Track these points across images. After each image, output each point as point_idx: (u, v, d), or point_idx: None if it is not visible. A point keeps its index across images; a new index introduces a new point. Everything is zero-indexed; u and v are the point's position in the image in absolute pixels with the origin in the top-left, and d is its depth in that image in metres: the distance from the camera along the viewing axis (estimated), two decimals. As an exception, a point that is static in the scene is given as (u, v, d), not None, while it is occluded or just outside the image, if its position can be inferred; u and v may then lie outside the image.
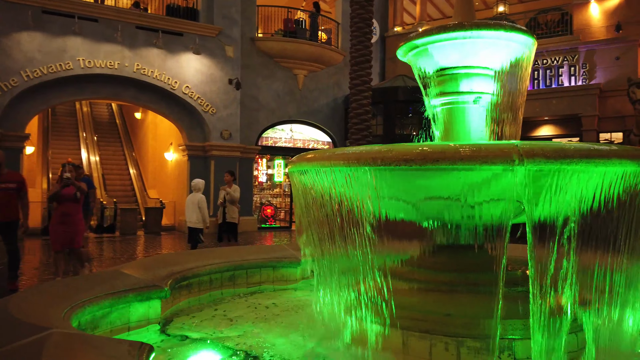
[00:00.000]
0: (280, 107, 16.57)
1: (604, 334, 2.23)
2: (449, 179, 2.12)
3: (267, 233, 15.86)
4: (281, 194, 20.78)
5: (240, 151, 15.45)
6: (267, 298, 3.97)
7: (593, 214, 2.05)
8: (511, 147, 1.94)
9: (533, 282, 2.02)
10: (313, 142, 17.80)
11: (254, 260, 4.25)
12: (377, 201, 2.32)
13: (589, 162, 1.93)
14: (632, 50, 14.09)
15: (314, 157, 2.49)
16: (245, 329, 3.15)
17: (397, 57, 3.05)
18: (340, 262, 2.57)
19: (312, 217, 2.73)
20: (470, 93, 2.78)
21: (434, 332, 2.29)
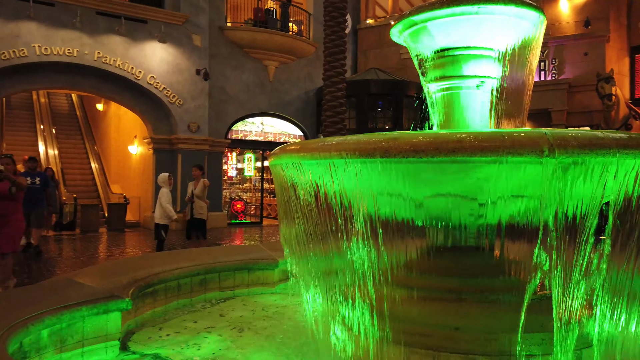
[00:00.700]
0: (251, 99, 16.08)
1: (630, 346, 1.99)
2: (463, 172, 1.81)
3: (237, 229, 15.40)
4: (252, 188, 20.30)
5: (208, 144, 14.90)
6: (243, 305, 3.60)
7: (625, 212, 1.79)
8: (540, 136, 1.65)
9: (558, 288, 1.74)
10: (284, 136, 17.39)
11: (227, 263, 3.87)
12: (376, 198, 2.01)
13: (628, 152, 1.66)
14: (600, 46, 14.27)
15: (302, 147, 2.15)
16: (220, 343, 2.78)
17: (392, 38, 2.73)
18: (330, 266, 2.25)
19: (297, 214, 2.39)
20: (474, 77, 2.48)
21: (441, 349, 1.99)
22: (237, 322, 3.18)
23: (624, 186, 1.73)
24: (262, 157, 18.51)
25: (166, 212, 7.74)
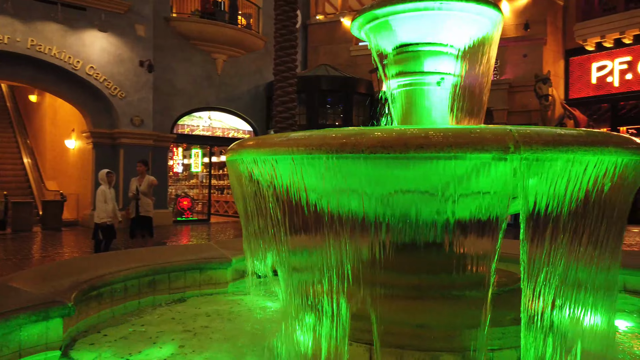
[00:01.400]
0: (198, 93, 15.64)
1: (586, 336, 2.05)
2: (430, 168, 1.79)
3: (184, 227, 14.96)
4: (199, 185, 19.81)
5: (153, 139, 14.35)
6: (195, 306, 3.46)
7: (585, 207, 1.83)
8: (505, 133, 1.65)
9: (525, 282, 1.75)
10: (233, 131, 17.08)
11: (177, 263, 3.70)
12: (339, 194, 1.95)
13: (588, 150, 1.70)
14: (538, 48, 14.99)
15: (263, 142, 2.05)
16: (172, 348, 2.64)
17: (352, 32, 2.68)
18: (291, 263, 2.18)
19: (256, 212, 2.30)
20: (434, 73, 2.49)
21: (406, 347, 1.98)
22: (190, 325, 3.04)
23: (584, 181, 1.77)
24: (209, 152, 18.09)
25: (98, 212, 7.41)
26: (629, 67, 14.63)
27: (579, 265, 1.91)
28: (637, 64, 14.46)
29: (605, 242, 1.96)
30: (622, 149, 1.79)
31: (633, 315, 3.15)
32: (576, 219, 1.83)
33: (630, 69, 14.59)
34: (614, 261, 2.06)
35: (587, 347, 2.04)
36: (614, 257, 2.04)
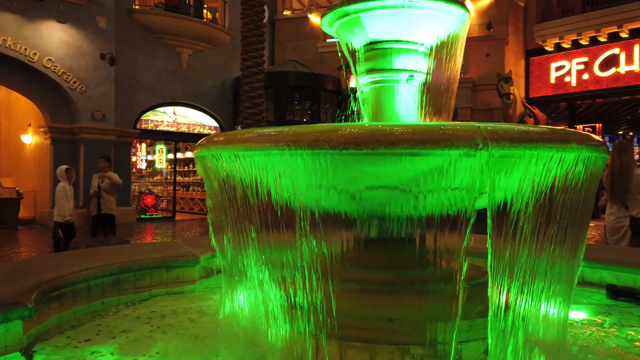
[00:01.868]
0: (163, 87, 15.31)
1: (544, 327, 2.12)
2: (401, 164, 1.81)
3: (148, 224, 14.65)
4: (163, 181, 19.43)
5: (115, 135, 13.97)
6: (162, 305, 3.39)
7: (548, 202, 1.90)
8: (474, 129, 1.68)
9: (492, 275, 1.80)
10: (199, 127, 16.81)
11: (143, 261, 3.62)
12: (311, 190, 1.95)
13: (551, 146, 1.76)
14: (500, 48, 15.41)
15: (233, 138, 2.02)
16: (139, 347, 2.58)
17: (322, 28, 2.68)
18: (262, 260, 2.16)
19: (226, 208, 2.27)
20: (404, 71, 2.51)
21: (377, 341, 2.00)
22: (157, 324, 2.98)
23: (548, 177, 1.83)
24: (174, 148, 17.77)
25: (59, 210, 7.16)
26: (585, 68, 15.22)
27: (542, 259, 1.97)
28: (593, 65, 15.07)
29: (567, 236, 2.03)
30: (583, 146, 1.86)
31: (589, 306, 3.29)
32: (541, 213, 1.89)
33: (587, 70, 15.19)
34: (576, 254, 2.14)
35: (546, 336, 2.11)
36: (576, 250, 2.13)
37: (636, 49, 14.26)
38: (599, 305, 3.33)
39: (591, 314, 3.14)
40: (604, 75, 14.87)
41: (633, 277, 3.37)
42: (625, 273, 3.41)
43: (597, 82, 15.02)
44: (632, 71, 14.35)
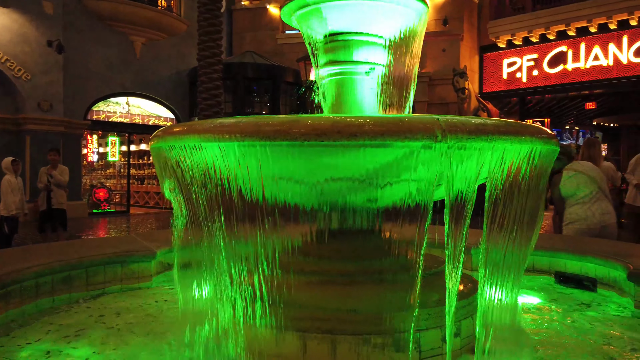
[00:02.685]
0: (114, 77, 14.76)
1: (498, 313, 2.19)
2: (362, 156, 1.82)
3: (101, 219, 14.16)
4: (116, 174, 18.80)
5: (64, 126, 13.38)
6: (117, 302, 3.28)
7: (503, 193, 1.96)
8: (434, 121, 1.71)
9: (449, 264, 1.84)
10: (154, 118, 16.35)
11: (96, 257, 3.48)
12: (271, 182, 1.93)
13: (506, 138, 1.81)
14: (455, 43, 15.78)
15: (190, 129, 1.97)
16: (92, 347, 2.48)
17: (282, 18, 2.64)
18: (221, 253, 2.13)
19: (184, 202, 2.21)
20: (364, 63, 2.52)
21: (338, 331, 2.01)
22: (111, 322, 2.88)
23: (503, 169, 1.89)
24: (127, 140, 17.22)
25: (5, 204, 6.81)
26: (535, 64, 15.83)
27: (497, 248, 2.04)
28: (542, 62, 15.69)
29: (521, 226, 2.10)
30: (536, 138, 1.92)
31: (540, 292, 3.43)
32: (495, 204, 1.95)
33: (536, 66, 15.80)
34: (529, 242, 2.23)
35: (500, 322, 2.19)
36: (529, 238, 2.21)
37: (582, 46, 14.95)
38: (548, 290, 3.49)
39: (541, 299, 3.29)
40: (553, 72, 15.52)
41: (579, 265, 3.54)
42: (573, 261, 3.58)
43: (546, 78, 15.66)
44: (579, 68, 15.05)
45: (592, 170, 4.74)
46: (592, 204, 4.68)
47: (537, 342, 2.47)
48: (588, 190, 4.68)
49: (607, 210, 4.67)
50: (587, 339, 2.53)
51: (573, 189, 4.75)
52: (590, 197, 4.68)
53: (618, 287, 3.27)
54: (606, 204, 4.68)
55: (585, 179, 4.68)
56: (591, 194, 4.67)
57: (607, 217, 4.65)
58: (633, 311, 2.98)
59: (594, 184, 4.66)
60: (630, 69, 14.12)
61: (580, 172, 4.72)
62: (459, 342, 2.20)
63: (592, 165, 4.79)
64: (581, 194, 4.73)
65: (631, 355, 2.36)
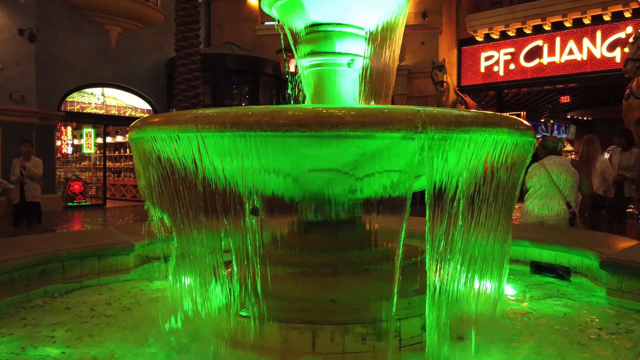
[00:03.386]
0: (90, 68, 14.43)
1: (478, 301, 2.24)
2: (343, 147, 1.83)
3: (76, 212, 13.89)
4: (91, 167, 18.45)
5: (37, 117, 13.05)
6: (94, 295, 3.23)
7: (482, 184, 1.99)
8: (414, 113, 1.73)
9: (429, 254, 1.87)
10: (131, 110, 16.05)
11: (73, 250, 3.42)
12: (252, 173, 1.92)
13: (485, 130, 1.84)
14: (434, 37, 15.87)
15: (170, 119, 1.95)
16: (70, 340, 2.45)
17: (262, 8, 2.62)
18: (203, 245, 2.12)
19: (163, 193, 2.19)
20: (345, 54, 2.52)
21: (319, 322, 2.02)
22: (88, 315, 2.84)
23: (481, 160, 1.91)
24: (103, 132, 16.89)
25: None
26: (512, 58, 16.05)
27: (476, 238, 2.07)
28: (519, 56, 15.91)
29: (498, 216, 2.15)
30: (514, 130, 1.96)
31: (516, 282, 3.51)
32: (474, 195, 1.99)
33: (513, 60, 16.02)
34: (506, 233, 2.27)
35: (481, 310, 2.24)
36: (506, 229, 2.25)
37: (558, 41, 15.21)
38: (524, 279, 3.57)
39: (517, 288, 3.36)
40: (529, 66, 15.76)
41: (553, 254, 3.63)
42: (547, 250, 3.67)
43: (522, 72, 15.90)
44: (554, 62, 15.31)
45: (557, 165, 4.61)
46: (534, 199, 4.65)
47: (512, 330, 2.53)
48: (539, 185, 4.63)
49: (551, 206, 4.58)
50: (560, 327, 2.60)
51: (528, 181, 4.73)
52: (537, 192, 4.63)
53: (591, 275, 3.36)
54: (555, 202, 4.57)
55: (542, 173, 4.62)
56: (541, 189, 4.61)
57: (547, 212, 4.57)
58: (605, 298, 3.07)
59: (547, 179, 4.58)
60: (604, 63, 14.44)
61: (541, 165, 4.66)
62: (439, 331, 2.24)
63: (562, 161, 4.67)
64: (530, 187, 4.71)
65: (604, 340, 2.43)
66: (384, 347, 1.99)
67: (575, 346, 2.34)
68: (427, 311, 1.90)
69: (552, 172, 4.56)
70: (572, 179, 4.55)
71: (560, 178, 4.54)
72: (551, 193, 4.59)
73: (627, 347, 2.33)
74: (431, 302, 1.88)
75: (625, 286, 2.99)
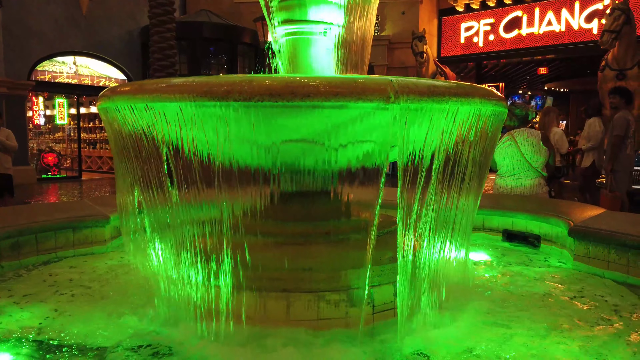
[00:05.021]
0: (60, 36, 13.92)
1: (449, 268, 2.29)
2: (316, 117, 1.82)
3: (51, 185, 13.63)
4: (66, 138, 18.03)
5: (6, 87, 12.60)
6: (69, 267, 3.21)
7: (454, 154, 2.01)
8: (387, 83, 1.73)
9: (401, 224, 1.90)
10: (104, 79, 15.62)
11: (47, 222, 3.37)
12: (226, 144, 1.91)
13: (457, 100, 1.85)
14: (415, 6, 15.71)
15: (140, 89, 1.90)
16: (46, 313, 2.44)
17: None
18: (177, 217, 2.11)
19: (133, 165, 2.16)
20: (320, 23, 2.48)
21: (294, 290, 2.06)
22: (65, 287, 2.82)
23: (454, 130, 1.93)
24: (77, 102, 16.43)
25: None
26: (491, 29, 16.03)
27: (447, 207, 2.11)
28: (498, 26, 15.90)
29: (470, 186, 2.19)
30: (487, 100, 1.98)
31: (488, 249, 3.61)
32: (447, 165, 2.01)
33: (493, 31, 16.01)
34: (476, 202, 2.32)
35: (450, 277, 2.30)
36: (477, 198, 2.30)
37: (537, 11, 15.22)
38: (496, 247, 3.67)
39: (489, 255, 3.46)
40: (508, 37, 15.78)
41: (525, 223, 3.73)
42: (519, 219, 3.77)
43: (501, 43, 15.92)
44: (533, 33, 15.36)
45: (530, 146, 4.57)
46: (507, 178, 4.69)
47: (484, 296, 2.61)
48: (511, 166, 4.65)
49: (524, 183, 4.63)
50: (530, 291, 2.70)
51: (499, 158, 4.71)
52: (510, 172, 4.66)
53: (560, 242, 3.48)
54: (528, 179, 4.62)
55: (515, 153, 4.60)
56: (514, 170, 4.64)
57: (521, 189, 4.62)
58: (573, 264, 3.19)
59: (520, 160, 4.59)
60: (581, 34, 14.55)
61: (513, 143, 4.61)
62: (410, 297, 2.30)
63: (534, 141, 4.59)
64: (502, 167, 4.72)
65: (570, 304, 2.54)
66: (357, 314, 2.04)
67: (541, 310, 2.43)
68: (399, 278, 1.94)
69: (525, 153, 4.56)
70: (544, 159, 4.59)
71: (533, 159, 4.56)
72: (524, 173, 4.63)
73: (587, 310, 2.44)
74: (402, 269, 1.93)
75: (591, 253, 3.10)
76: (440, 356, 1.92)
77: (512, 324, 2.23)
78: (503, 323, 2.23)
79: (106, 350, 2.02)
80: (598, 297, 2.63)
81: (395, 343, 1.96)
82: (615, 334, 2.15)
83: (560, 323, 2.24)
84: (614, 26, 10.41)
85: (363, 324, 2.01)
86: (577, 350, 1.97)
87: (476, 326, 2.20)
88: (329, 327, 2.05)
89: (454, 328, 2.15)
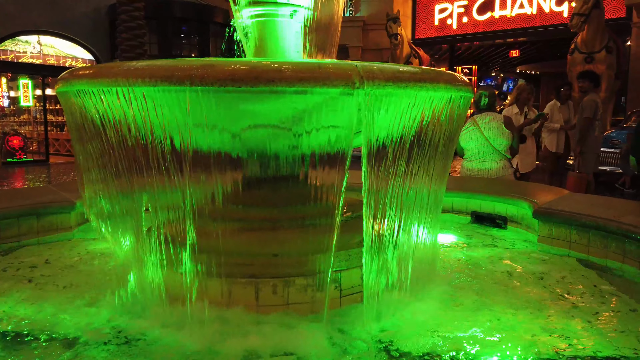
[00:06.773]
0: (22, 13, 13.34)
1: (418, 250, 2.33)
2: (281, 103, 1.80)
3: (17, 169, 13.22)
4: (31, 121, 17.43)
5: (-34, 67, 12.06)
6: (33, 255, 3.13)
7: (419, 139, 2.03)
8: (352, 68, 1.72)
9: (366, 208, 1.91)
10: (71, 59, 15.11)
11: (9, 209, 3.28)
12: (189, 129, 1.87)
13: (422, 86, 1.86)
14: (389, -13, 15.61)
15: (98, 72, 1.85)
16: (11, 302, 2.38)
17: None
18: (140, 203, 2.07)
19: (95, 149, 2.11)
20: (287, 5, 2.44)
21: (262, 275, 2.06)
22: (27, 275, 2.76)
23: (419, 115, 1.94)
24: (42, 83, 15.86)
25: None
26: (465, 11, 16.08)
27: (413, 191, 2.14)
28: (472, 8, 15.95)
29: (434, 169, 2.21)
30: (451, 86, 1.99)
31: (457, 231, 3.68)
32: (412, 149, 2.03)
33: (466, 13, 16.06)
34: (441, 186, 2.35)
35: (418, 258, 2.34)
36: (442, 182, 2.33)
37: (509, -6, 15.32)
38: (464, 228, 3.75)
39: (458, 236, 3.53)
40: (481, 19, 15.86)
41: (492, 205, 3.81)
42: (487, 201, 3.84)
43: (475, 25, 16.00)
44: (505, 16, 15.47)
45: (492, 130, 4.61)
46: (473, 161, 4.76)
47: (450, 277, 2.67)
48: (476, 150, 4.72)
49: (490, 165, 4.69)
50: (495, 272, 2.77)
51: (464, 143, 4.78)
52: (476, 155, 4.73)
53: (525, 224, 3.57)
54: (493, 162, 4.69)
55: (478, 137, 4.66)
56: (479, 154, 4.71)
57: (487, 173, 4.69)
58: (537, 245, 3.28)
59: (484, 144, 4.65)
60: (552, 17, 14.73)
61: (476, 128, 4.67)
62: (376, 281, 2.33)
63: (496, 125, 4.62)
64: (467, 151, 4.80)
65: (528, 281, 2.62)
66: (324, 297, 2.06)
67: (505, 290, 2.50)
68: (364, 261, 1.96)
69: (488, 137, 4.61)
70: (507, 142, 4.65)
71: (497, 142, 4.62)
72: (489, 156, 4.69)
73: (546, 286, 2.53)
74: (368, 253, 1.95)
75: (554, 233, 3.20)
76: (405, 336, 1.97)
77: (477, 305, 2.28)
78: (468, 305, 2.29)
79: (76, 340, 1.99)
80: (556, 275, 2.72)
81: (361, 326, 1.99)
82: (570, 309, 2.24)
83: (523, 302, 2.31)
84: (583, 9, 10.58)
85: (329, 308, 2.03)
86: (539, 328, 2.04)
87: (442, 308, 2.25)
88: (297, 311, 2.07)
89: (419, 310, 2.19)
